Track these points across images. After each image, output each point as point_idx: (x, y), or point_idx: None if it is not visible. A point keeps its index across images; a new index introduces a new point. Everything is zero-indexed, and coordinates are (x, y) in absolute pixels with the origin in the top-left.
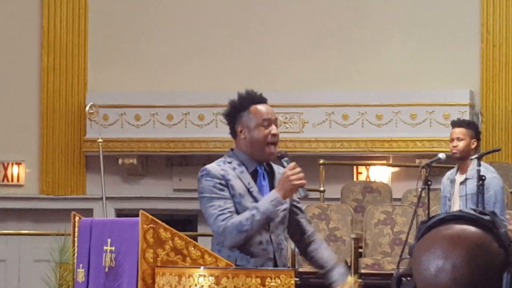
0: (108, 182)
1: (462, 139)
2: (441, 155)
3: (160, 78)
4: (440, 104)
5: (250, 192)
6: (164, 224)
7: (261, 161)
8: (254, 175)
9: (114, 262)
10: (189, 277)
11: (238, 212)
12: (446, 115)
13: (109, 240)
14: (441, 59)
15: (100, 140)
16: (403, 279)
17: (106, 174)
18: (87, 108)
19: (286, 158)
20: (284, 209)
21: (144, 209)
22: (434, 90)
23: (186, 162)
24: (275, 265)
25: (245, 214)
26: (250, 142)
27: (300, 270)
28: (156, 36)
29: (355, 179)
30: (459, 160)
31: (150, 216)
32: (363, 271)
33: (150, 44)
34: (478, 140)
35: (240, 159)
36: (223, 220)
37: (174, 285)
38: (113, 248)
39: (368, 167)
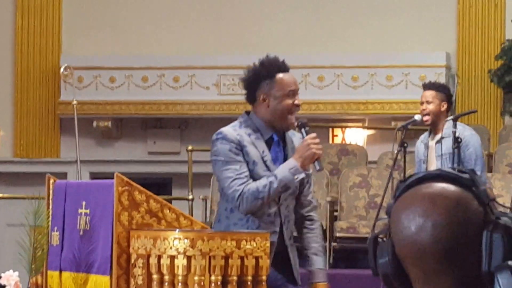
0: (82, 145)
1: (431, 102)
2: (417, 117)
3: (135, 40)
4: (416, 66)
5: (264, 161)
6: (139, 186)
7: (279, 130)
8: (269, 142)
9: (89, 225)
10: (164, 240)
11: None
12: (422, 77)
13: (83, 203)
14: (417, 21)
15: (74, 102)
16: (379, 239)
17: (80, 137)
18: (62, 70)
19: (306, 128)
20: (302, 179)
21: (118, 172)
22: (410, 52)
23: (161, 124)
24: (281, 239)
25: (263, 181)
26: (273, 111)
27: (338, 235)
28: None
29: (330, 141)
30: (431, 124)
31: (125, 179)
32: (338, 234)
33: (126, 6)
34: (450, 103)
35: (256, 125)
36: (240, 184)
37: (149, 248)
38: (87, 211)
39: (343, 129)
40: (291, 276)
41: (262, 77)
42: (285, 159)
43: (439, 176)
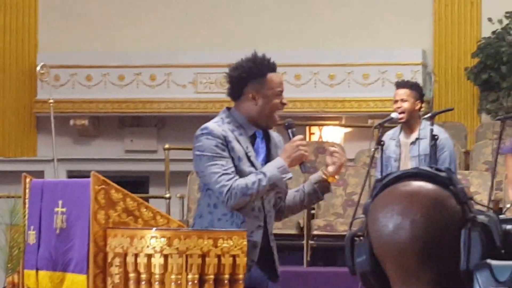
0: (59, 143)
1: (405, 100)
2: (394, 115)
3: (111, 38)
4: (393, 63)
5: (248, 157)
6: (115, 185)
7: (262, 127)
8: (252, 139)
9: (65, 224)
10: (141, 239)
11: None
12: (398, 74)
13: (60, 202)
14: (394, 18)
15: (51, 101)
16: (356, 238)
17: (57, 136)
18: (38, 68)
19: (293, 129)
20: (290, 178)
21: (95, 171)
22: (386, 50)
23: (137, 123)
24: (265, 233)
25: (252, 178)
26: (261, 109)
27: (315, 233)
28: None
29: (307, 139)
30: (405, 123)
31: (102, 177)
32: (315, 232)
33: (102, 4)
34: (422, 101)
35: (238, 122)
36: (229, 180)
37: (126, 247)
38: (64, 210)
39: (320, 127)
40: (274, 272)
41: (253, 74)
42: (268, 155)
43: (417, 174)
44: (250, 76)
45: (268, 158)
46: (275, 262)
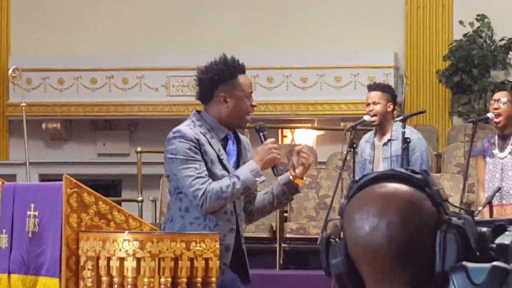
0: (31, 147)
1: (377, 103)
2: (366, 118)
3: (83, 41)
4: (365, 66)
5: (220, 160)
6: (88, 188)
7: (233, 129)
8: (223, 141)
9: (37, 227)
10: (113, 242)
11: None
12: (371, 77)
13: (32, 205)
14: (366, 21)
15: (23, 104)
16: (332, 240)
17: (29, 139)
18: (10, 71)
19: (265, 132)
20: (263, 181)
21: (68, 174)
22: (358, 53)
23: (110, 126)
24: (237, 236)
25: (226, 181)
26: (232, 111)
27: (288, 236)
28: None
29: (280, 142)
30: (377, 125)
31: (74, 180)
32: (288, 235)
33: (74, 7)
34: (395, 104)
35: (209, 124)
36: (203, 183)
37: (99, 250)
38: (36, 213)
39: (293, 130)
40: (246, 274)
41: (224, 77)
42: (239, 158)
43: (392, 176)
44: (221, 79)
45: (239, 161)
46: (247, 264)
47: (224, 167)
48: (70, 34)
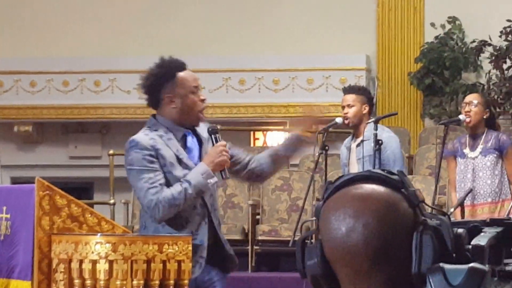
0: (3, 149)
1: (352, 106)
2: (338, 120)
3: (55, 44)
4: (336, 69)
5: (180, 160)
6: (60, 190)
7: (189, 126)
8: (182, 139)
9: (9, 230)
10: (85, 245)
11: (169, 183)
12: (342, 80)
13: (4, 208)
14: (338, 24)
15: None
16: (307, 241)
17: (1, 142)
18: None
19: (217, 135)
20: (215, 183)
21: (40, 177)
22: (330, 55)
23: (82, 129)
24: (211, 226)
25: (177, 188)
26: (181, 110)
27: (260, 238)
28: (51, 1)
29: (252, 144)
30: (353, 127)
31: (46, 183)
32: (260, 238)
33: (46, 10)
34: (371, 105)
35: (166, 126)
36: (155, 193)
37: (71, 253)
38: (8, 216)
39: (265, 132)
40: (223, 266)
41: (163, 78)
42: (201, 152)
43: (369, 177)
44: (161, 81)
45: (201, 153)
46: (225, 254)
47: (186, 166)
48: (42, 36)
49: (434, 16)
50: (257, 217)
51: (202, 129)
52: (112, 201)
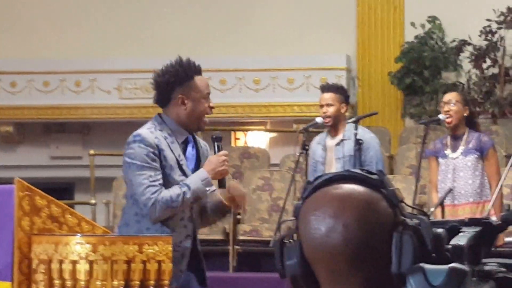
0: None
1: (331, 105)
2: (319, 120)
3: (36, 44)
4: (317, 68)
5: (180, 165)
6: (40, 191)
7: (193, 130)
8: (183, 145)
9: None
10: (66, 245)
11: (166, 185)
12: (323, 79)
13: None
14: (318, 23)
15: None
16: (286, 241)
17: None
18: None
19: (220, 143)
20: (213, 190)
21: (21, 178)
22: (310, 55)
23: (63, 129)
24: (194, 242)
25: (176, 190)
26: (191, 113)
27: (241, 238)
28: (33, 2)
29: (233, 144)
30: (331, 126)
31: (26, 184)
32: (241, 237)
33: (26, 10)
34: (348, 103)
35: (170, 128)
36: (154, 192)
37: (51, 253)
38: None
39: (245, 132)
40: (202, 276)
41: (180, 78)
42: (197, 159)
43: (348, 177)
44: (178, 81)
45: (198, 165)
46: (203, 267)
47: (184, 173)
48: (23, 37)
49: (414, 16)
50: (238, 217)
51: (202, 143)
52: (93, 201)
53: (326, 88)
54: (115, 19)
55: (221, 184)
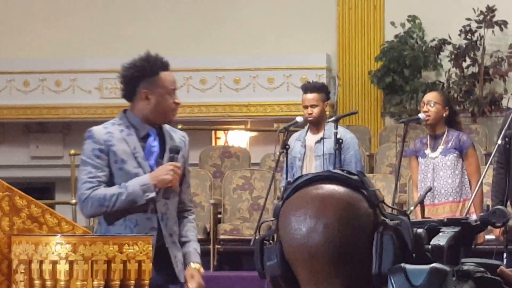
0: None
1: (316, 105)
2: (299, 119)
3: (16, 44)
4: (297, 68)
5: (135, 157)
6: (20, 191)
7: (159, 125)
8: (145, 138)
9: None
10: (46, 245)
11: (119, 178)
12: (303, 79)
13: None
14: (298, 23)
15: None
16: (266, 242)
17: None
18: None
19: (177, 155)
20: (151, 198)
21: (0, 178)
22: (291, 54)
23: (43, 129)
24: (160, 235)
25: (112, 190)
26: (155, 108)
27: (222, 237)
28: (13, 1)
29: (213, 144)
30: (314, 124)
31: (6, 184)
32: (221, 236)
33: (6, 10)
34: (328, 98)
35: (131, 122)
36: (89, 188)
37: (31, 254)
38: None
39: (226, 132)
40: (172, 275)
41: (145, 73)
42: (162, 153)
43: (328, 177)
44: (142, 75)
45: (162, 158)
46: (172, 264)
47: (139, 165)
48: (2, 36)
49: (394, 15)
50: (219, 216)
51: (176, 135)
52: (73, 201)
53: (309, 88)
54: (96, 18)
55: (162, 195)
